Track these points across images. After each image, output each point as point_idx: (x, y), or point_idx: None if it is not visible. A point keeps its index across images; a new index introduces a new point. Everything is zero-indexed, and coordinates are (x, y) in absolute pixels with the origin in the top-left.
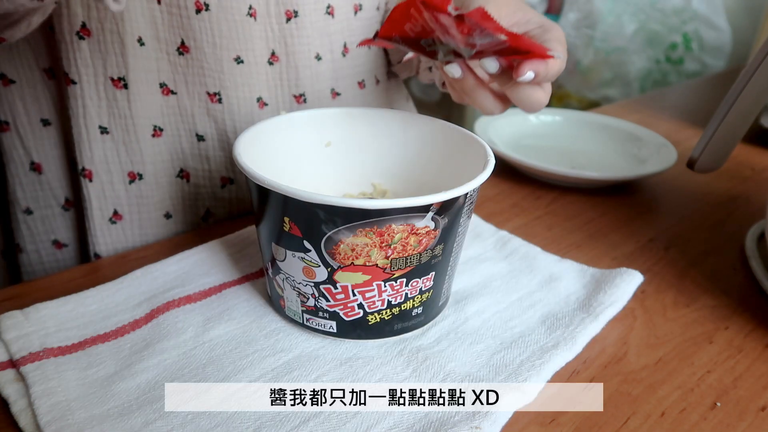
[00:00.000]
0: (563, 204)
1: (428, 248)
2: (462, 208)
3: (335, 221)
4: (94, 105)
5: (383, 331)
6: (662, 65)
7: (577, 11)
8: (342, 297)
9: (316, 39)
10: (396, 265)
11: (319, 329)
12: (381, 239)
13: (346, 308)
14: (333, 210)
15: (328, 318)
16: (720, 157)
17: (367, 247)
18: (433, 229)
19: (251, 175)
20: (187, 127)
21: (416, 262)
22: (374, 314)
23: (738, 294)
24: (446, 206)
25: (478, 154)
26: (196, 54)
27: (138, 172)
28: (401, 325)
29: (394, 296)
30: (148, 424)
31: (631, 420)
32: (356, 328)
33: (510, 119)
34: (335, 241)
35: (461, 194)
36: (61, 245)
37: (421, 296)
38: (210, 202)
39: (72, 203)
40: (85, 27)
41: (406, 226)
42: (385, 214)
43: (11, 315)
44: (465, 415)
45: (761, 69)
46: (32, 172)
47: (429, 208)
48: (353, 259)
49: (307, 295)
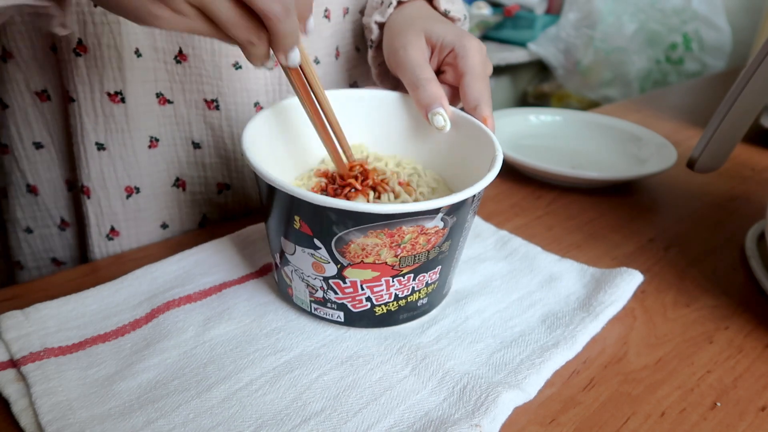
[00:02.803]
0: (563, 204)
1: (437, 245)
2: (470, 206)
3: (346, 223)
4: (90, 122)
5: (389, 321)
6: (662, 65)
7: (577, 11)
8: (351, 291)
9: (315, 42)
10: (405, 262)
11: (327, 318)
12: (391, 240)
13: (354, 301)
14: (345, 213)
15: (336, 309)
16: (720, 157)
17: (377, 246)
18: (442, 228)
19: (263, 175)
20: (183, 136)
21: (425, 258)
22: (381, 306)
23: (738, 294)
24: (455, 207)
25: (486, 145)
26: (194, 62)
27: (135, 185)
28: (407, 315)
29: (401, 290)
30: (150, 423)
31: (631, 420)
32: (363, 318)
33: (510, 119)
34: (346, 241)
35: (470, 195)
36: (60, 263)
37: (426, 288)
38: (206, 208)
39: (68, 223)
40: (81, 44)
41: (416, 227)
42: (397, 217)
43: (11, 315)
44: (465, 414)
45: (761, 69)
46: (29, 194)
47: (439, 211)
48: (363, 257)
49: (316, 288)
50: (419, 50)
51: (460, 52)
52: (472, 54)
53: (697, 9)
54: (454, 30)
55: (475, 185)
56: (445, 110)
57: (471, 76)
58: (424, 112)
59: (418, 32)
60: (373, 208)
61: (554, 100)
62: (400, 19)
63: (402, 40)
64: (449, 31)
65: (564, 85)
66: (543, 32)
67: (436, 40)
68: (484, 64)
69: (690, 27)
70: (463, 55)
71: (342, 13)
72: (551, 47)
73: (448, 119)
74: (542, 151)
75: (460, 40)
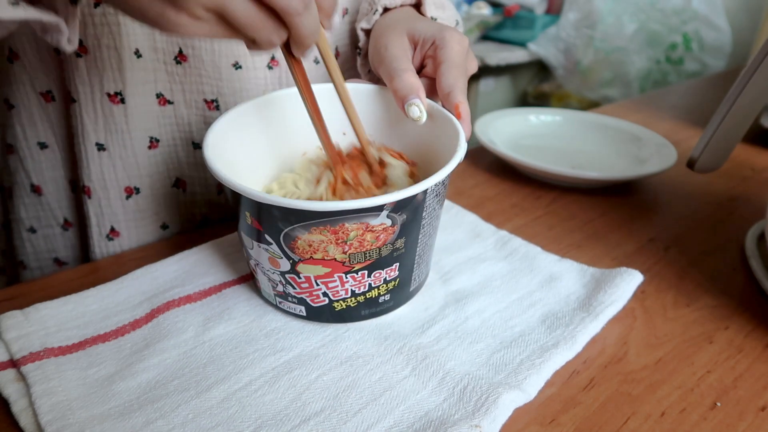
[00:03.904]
0: (563, 204)
1: (388, 243)
2: (422, 203)
3: (290, 219)
4: (91, 122)
5: (351, 316)
6: (662, 65)
7: (577, 11)
8: (306, 286)
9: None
10: (355, 259)
11: (291, 312)
12: (336, 236)
13: (311, 296)
14: (285, 210)
15: (297, 303)
16: (720, 157)
17: (323, 243)
18: (391, 225)
19: (209, 167)
20: (183, 136)
21: (376, 255)
22: (339, 302)
23: (738, 294)
24: (402, 204)
25: (453, 138)
26: (194, 62)
27: (135, 186)
28: (369, 311)
29: (357, 286)
30: (149, 424)
31: (631, 420)
32: (323, 312)
33: (510, 119)
34: (293, 237)
35: (418, 191)
36: (62, 263)
37: (386, 285)
38: (206, 209)
39: (71, 223)
40: (82, 44)
41: (360, 224)
42: (336, 214)
43: (11, 315)
44: (465, 414)
45: (761, 69)
46: (33, 194)
47: (382, 208)
48: (312, 253)
49: (276, 282)
50: (400, 47)
51: (440, 43)
52: (451, 45)
53: (697, 9)
54: (436, 25)
55: (423, 182)
56: (422, 101)
57: (447, 64)
58: (401, 103)
59: (400, 32)
60: (309, 206)
61: (554, 100)
62: (385, 22)
63: (384, 40)
64: (431, 26)
65: (564, 85)
66: (543, 32)
67: (418, 37)
68: (464, 55)
69: (690, 27)
70: (442, 46)
71: (341, 14)
72: (551, 47)
73: (425, 110)
74: (542, 151)
75: (441, 32)
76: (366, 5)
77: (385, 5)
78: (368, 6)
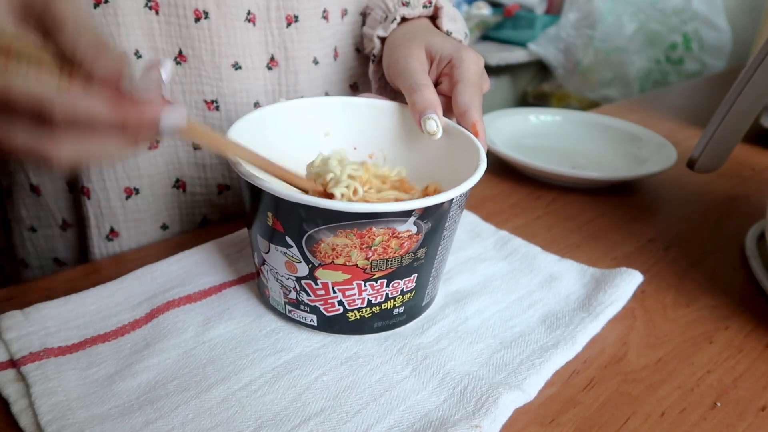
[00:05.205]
0: (563, 204)
1: (410, 251)
2: (447, 212)
3: (316, 221)
4: None
5: (363, 328)
6: (662, 65)
7: (577, 11)
8: (322, 293)
9: (314, 43)
10: (377, 266)
11: (301, 321)
12: (361, 241)
13: (326, 304)
14: (313, 210)
15: (309, 312)
16: (720, 157)
17: (347, 247)
18: (416, 233)
19: (237, 169)
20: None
21: (398, 264)
22: (354, 312)
23: (738, 294)
24: (430, 211)
25: (473, 154)
26: (194, 62)
27: (134, 186)
28: (381, 323)
29: (374, 296)
30: (149, 424)
31: (631, 420)
32: (336, 323)
33: (510, 119)
34: (316, 240)
35: (445, 200)
36: (62, 263)
37: (402, 297)
38: (206, 209)
39: (70, 224)
40: None
41: (387, 229)
42: (365, 217)
43: (11, 315)
44: (465, 414)
45: (761, 69)
46: (33, 194)
47: (411, 214)
48: (334, 258)
49: (289, 288)
50: (419, 61)
51: (457, 62)
52: (467, 65)
53: (697, 9)
54: (453, 43)
55: (451, 191)
56: (438, 117)
57: (464, 83)
58: (418, 116)
59: (419, 44)
60: (341, 206)
61: (554, 100)
62: (402, 33)
63: (403, 51)
64: (448, 44)
65: (564, 85)
66: (543, 32)
67: (435, 53)
68: (479, 75)
69: (690, 27)
70: (459, 65)
71: (340, 15)
72: (551, 47)
73: (441, 126)
74: (542, 151)
75: (458, 51)
76: (380, 12)
77: (403, 15)
78: (382, 13)
